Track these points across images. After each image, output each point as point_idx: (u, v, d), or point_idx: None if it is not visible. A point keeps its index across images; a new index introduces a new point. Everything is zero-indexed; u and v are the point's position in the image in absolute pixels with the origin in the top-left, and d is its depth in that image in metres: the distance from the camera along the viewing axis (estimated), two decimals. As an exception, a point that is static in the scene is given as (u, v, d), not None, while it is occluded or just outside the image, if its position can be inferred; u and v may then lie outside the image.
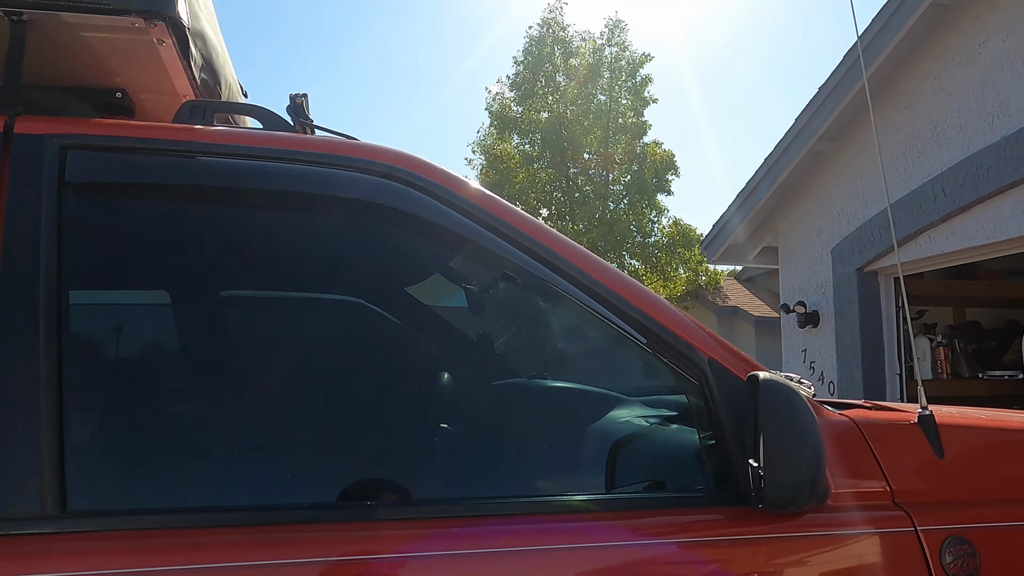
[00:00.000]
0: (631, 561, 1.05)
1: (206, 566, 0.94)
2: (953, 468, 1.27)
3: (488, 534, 1.02)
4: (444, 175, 1.28)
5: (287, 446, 1.11)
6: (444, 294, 1.36)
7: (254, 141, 1.25)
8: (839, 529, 1.16)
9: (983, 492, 1.27)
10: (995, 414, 1.69)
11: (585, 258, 1.26)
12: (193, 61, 1.51)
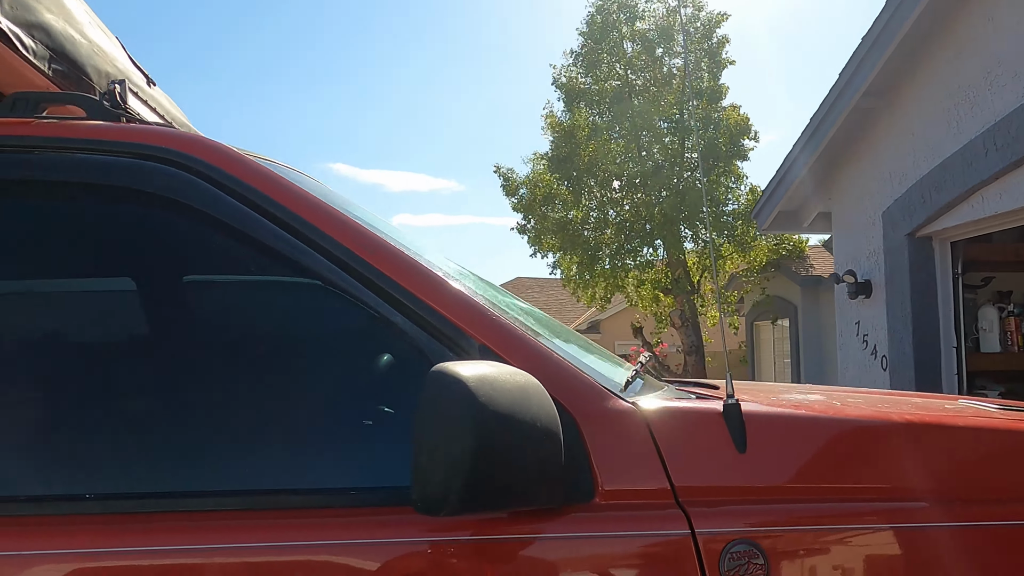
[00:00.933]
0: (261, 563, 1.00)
1: None
2: (756, 465, 1.13)
3: None
4: (228, 158, 1.24)
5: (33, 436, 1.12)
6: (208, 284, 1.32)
7: (17, 131, 1.25)
8: (601, 531, 1.06)
9: (791, 492, 1.13)
10: (848, 400, 1.51)
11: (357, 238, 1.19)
12: (30, 52, 1.53)
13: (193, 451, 1.11)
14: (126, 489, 1.07)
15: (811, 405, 1.43)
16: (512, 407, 0.93)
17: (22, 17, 1.50)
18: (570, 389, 1.13)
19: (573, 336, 1.67)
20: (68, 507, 1.03)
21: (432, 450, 0.88)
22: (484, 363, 0.99)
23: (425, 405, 0.89)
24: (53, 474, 1.08)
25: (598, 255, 13.77)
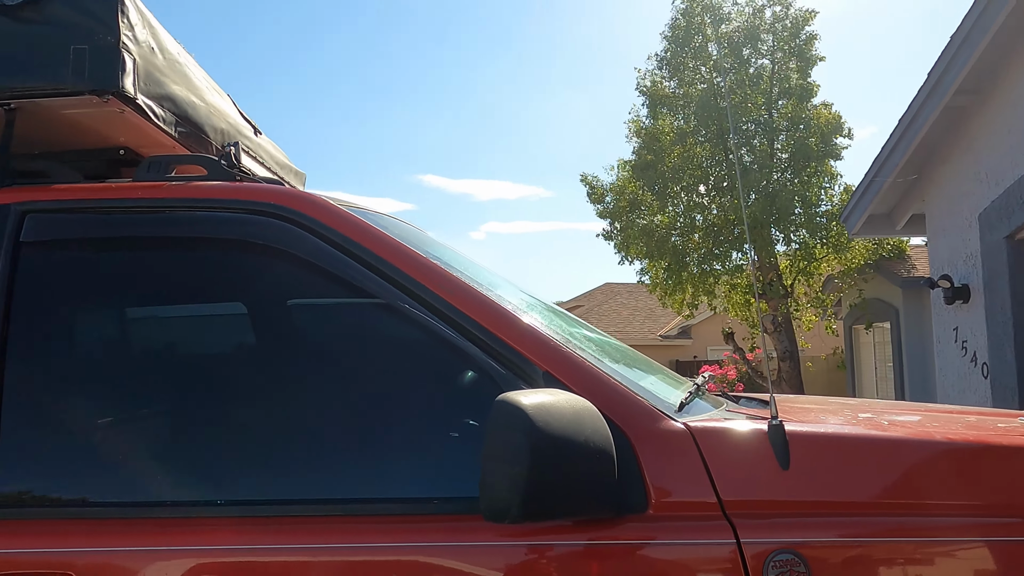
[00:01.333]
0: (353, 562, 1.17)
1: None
2: (799, 480, 1.22)
3: None
4: (327, 211, 1.44)
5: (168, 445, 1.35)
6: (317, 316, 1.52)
7: (155, 194, 1.49)
8: (652, 539, 1.18)
9: (832, 506, 1.22)
10: (891, 421, 1.56)
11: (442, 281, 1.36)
12: (161, 120, 1.79)
13: (306, 465, 1.30)
14: (258, 496, 1.28)
15: (855, 425, 1.50)
16: (566, 430, 1.08)
17: (154, 91, 1.76)
18: (625, 411, 1.26)
19: (636, 360, 1.79)
20: (204, 511, 1.25)
21: (496, 468, 1.03)
22: (543, 391, 1.13)
23: (491, 429, 1.05)
24: (196, 482, 1.30)
25: (685, 260, 13.64)
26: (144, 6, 1.78)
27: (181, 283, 1.47)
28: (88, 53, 1.62)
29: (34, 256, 1.45)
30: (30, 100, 1.63)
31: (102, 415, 1.37)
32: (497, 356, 1.30)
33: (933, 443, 1.29)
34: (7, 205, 1.49)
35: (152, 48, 1.77)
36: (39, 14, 1.63)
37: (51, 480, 1.31)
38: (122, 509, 1.26)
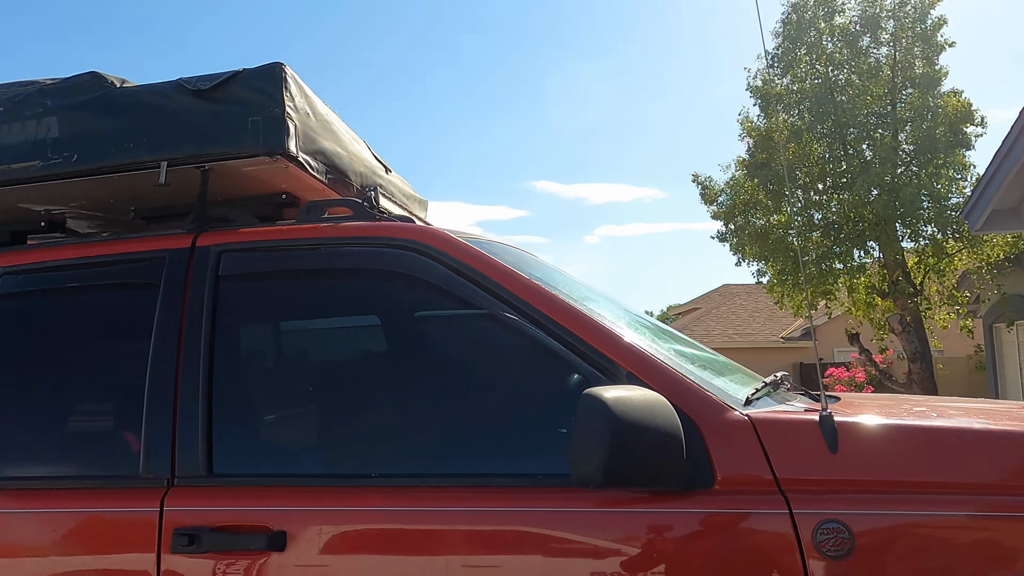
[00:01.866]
0: None
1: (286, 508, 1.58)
2: (845, 462, 1.44)
3: None
4: (447, 242, 1.79)
5: (338, 432, 1.73)
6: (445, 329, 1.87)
7: (315, 233, 1.88)
8: (717, 508, 1.44)
9: (872, 484, 1.43)
10: (929, 411, 1.72)
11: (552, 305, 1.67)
12: (316, 171, 2.21)
13: (439, 446, 1.65)
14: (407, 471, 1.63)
15: (904, 415, 1.68)
16: (639, 418, 1.36)
17: (309, 147, 2.18)
18: (695, 404, 1.52)
19: (717, 362, 2.04)
20: (363, 481, 1.61)
21: (583, 446, 1.32)
22: (623, 387, 1.42)
23: (578, 416, 1.35)
24: (356, 457, 1.68)
25: (803, 260, 13.30)
26: (300, 79, 2.20)
27: (336, 303, 1.87)
28: (262, 123, 2.05)
29: (229, 287, 1.88)
30: (220, 162, 2.08)
31: (283, 408, 1.78)
32: (588, 359, 1.60)
33: (968, 431, 1.47)
34: (207, 247, 1.93)
35: (307, 113, 2.19)
36: (225, 95, 2.08)
37: (249, 456, 1.72)
38: (303, 479, 1.65)
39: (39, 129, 2.15)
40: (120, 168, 2.10)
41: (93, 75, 2.21)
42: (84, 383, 1.90)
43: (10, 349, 1.96)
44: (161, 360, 1.78)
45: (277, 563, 1.53)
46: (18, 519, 1.71)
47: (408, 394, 1.75)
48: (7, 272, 2.03)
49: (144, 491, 1.66)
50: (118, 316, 1.93)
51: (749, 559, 1.41)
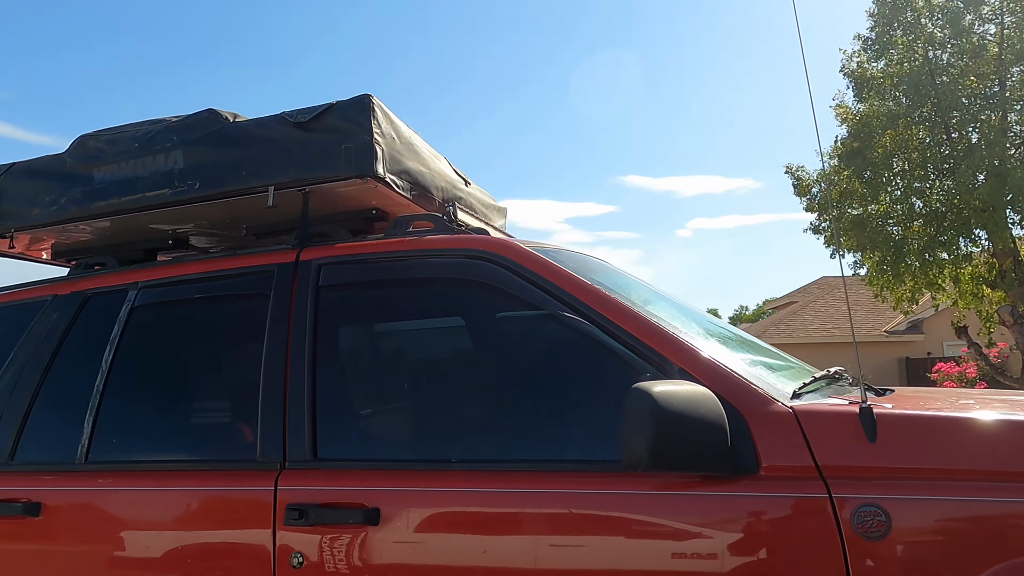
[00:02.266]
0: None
1: (375, 488, 1.82)
2: (882, 450, 1.55)
3: None
4: (517, 252, 1.99)
5: (425, 421, 1.96)
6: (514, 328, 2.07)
7: (401, 247, 2.12)
8: (761, 492, 1.57)
9: (909, 471, 1.52)
10: (967, 403, 1.79)
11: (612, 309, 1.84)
12: (401, 189, 2.45)
13: (512, 433, 1.85)
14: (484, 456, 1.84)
15: (942, 407, 1.75)
16: (684, 408, 1.51)
17: (395, 168, 2.42)
18: (742, 397, 1.66)
19: (773, 358, 2.15)
20: (445, 466, 1.83)
21: (631, 434, 1.49)
22: (670, 382, 1.57)
23: (627, 407, 1.51)
24: (438, 444, 1.90)
25: (903, 251, 12.76)
26: (386, 107, 2.45)
27: (420, 308, 2.10)
28: (353, 149, 2.30)
29: (328, 295, 2.14)
30: (318, 185, 2.36)
31: (376, 400, 2.02)
32: (644, 356, 1.76)
33: (998, 422, 1.55)
34: (309, 261, 2.20)
35: (393, 137, 2.44)
36: (321, 125, 2.35)
37: (348, 443, 1.98)
38: (394, 463, 1.89)
39: (167, 161, 2.48)
40: (234, 193, 2.41)
41: (210, 112, 2.53)
42: (210, 381, 2.21)
43: (147, 353, 2.29)
44: (272, 360, 2.06)
45: (372, 536, 1.77)
46: (158, 495, 2.03)
47: (484, 388, 1.96)
48: (145, 286, 2.38)
49: (261, 473, 1.94)
50: (236, 323, 2.23)
51: (791, 540, 1.54)
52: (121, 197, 2.51)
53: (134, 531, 2.01)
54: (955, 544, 1.47)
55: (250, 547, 1.88)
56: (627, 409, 1.51)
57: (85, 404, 2.22)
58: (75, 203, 2.57)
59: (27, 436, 2.26)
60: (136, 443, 2.17)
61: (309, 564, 1.81)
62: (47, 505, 2.10)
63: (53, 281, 2.63)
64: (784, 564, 1.54)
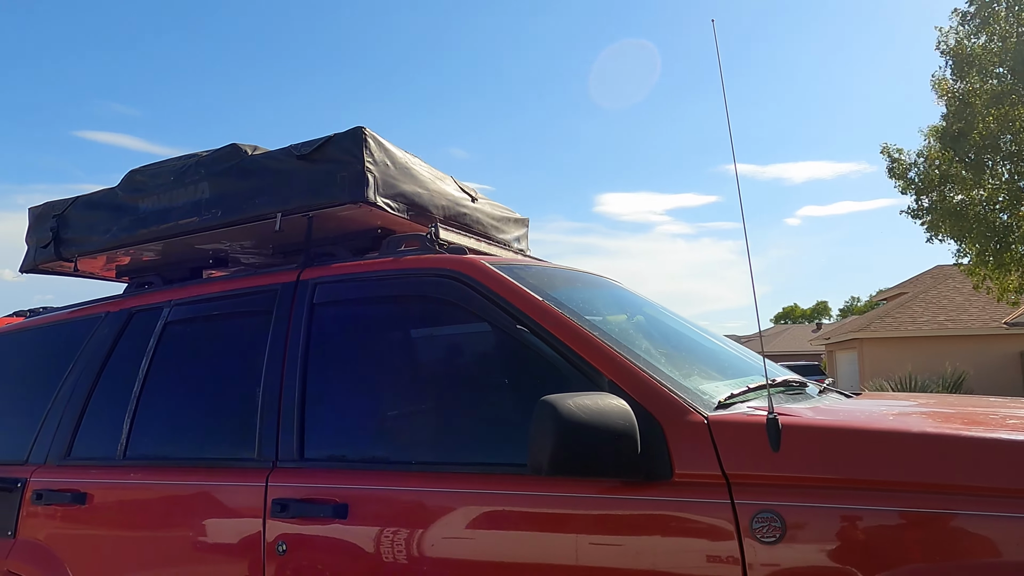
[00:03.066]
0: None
1: (364, 488, 2.04)
2: (784, 459, 1.62)
3: None
4: (477, 270, 2.17)
5: (415, 424, 2.17)
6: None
7: (382, 267, 2.34)
8: (670, 497, 1.69)
9: (808, 480, 1.60)
10: (887, 413, 1.81)
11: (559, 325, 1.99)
12: (396, 211, 2.67)
13: (457, 439, 2.04)
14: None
15: (861, 418, 1.79)
16: (587, 419, 1.64)
17: (389, 192, 2.64)
18: (661, 407, 1.78)
19: (724, 363, 2.23)
20: (405, 467, 2.03)
21: (535, 441, 1.64)
22: (580, 394, 1.71)
23: (535, 417, 1.66)
24: (401, 447, 2.11)
25: (1009, 239, 11.95)
26: (379, 136, 2.67)
27: (397, 323, 2.31)
28: (348, 177, 2.54)
29: (322, 311, 2.39)
30: (319, 211, 2.61)
31: (353, 407, 2.25)
32: (578, 368, 1.90)
33: (906, 434, 1.59)
34: (307, 280, 2.46)
35: (386, 164, 2.66)
36: (320, 156, 2.60)
37: (328, 445, 2.21)
38: (366, 464, 2.11)
39: (196, 192, 2.81)
40: (250, 219, 2.71)
41: (233, 147, 2.83)
42: (223, 388, 2.50)
43: (174, 363, 2.62)
44: (271, 371, 2.33)
45: (341, 528, 2.00)
46: (175, 488, 2.33)
47: (440, 398, 2.15)
48: (177, 303, 2.71)
49: (256, 471, 2.21)
50: (245, 336, 2.52)
51: (694, 543, 1.65)
52: (160, 225, 2.86)
53: (156, 516, 2.32)
54: (847, 550, 1.53)
55: (246, 534, 2.15)
56: (534, 419, 1.66)
57: (125, 407, 2.57)
58: (124, 231, 2.95)
59: (81, 435, 2.63)
60: (162, 442, 2.49)
61: (291, 551, 2.06)
62: (91, 495, 2.45)
63: (109, 299, 3.02)
64: (688, 564, 1.64)
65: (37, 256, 3.23)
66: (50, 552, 2.48)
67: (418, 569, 1.89)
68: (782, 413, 1.71)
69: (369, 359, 2.31)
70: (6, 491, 2.63)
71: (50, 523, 2.52)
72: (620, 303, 2.70)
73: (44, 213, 3.24)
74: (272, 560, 2.08)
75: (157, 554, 2.29)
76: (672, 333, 2.59)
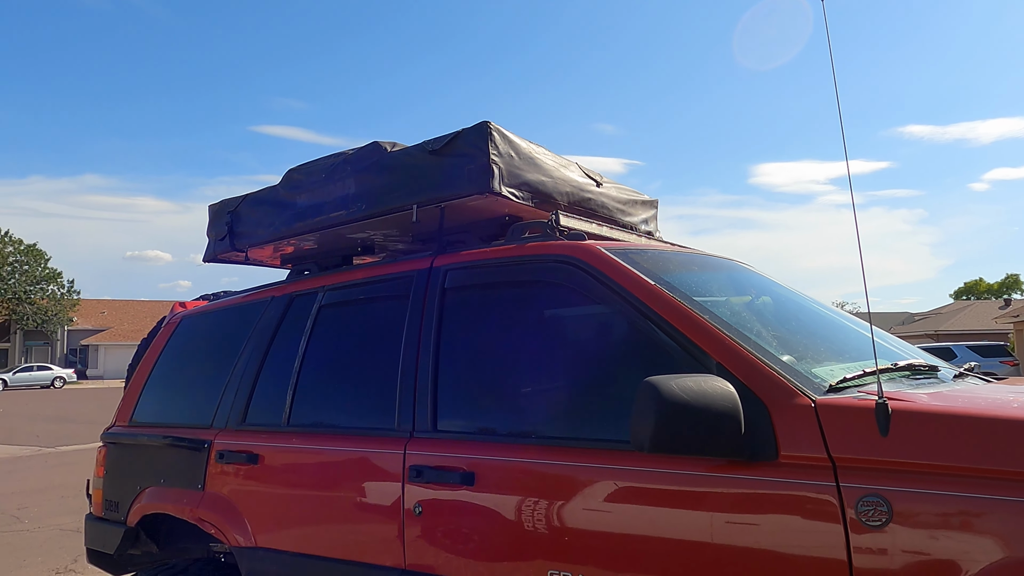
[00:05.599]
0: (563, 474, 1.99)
1: (483, 457, 2.24)
2: (892, 444, 1.61)
3: None
4: (592, 255, 2.27)
5: (535, 399, 2.33)
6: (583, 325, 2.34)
7: (505, 253, 2.49)
8: (775, 477, 1.72)
9: (917, 466, 1.57)
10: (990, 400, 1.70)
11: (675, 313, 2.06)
12: (521, 199, 2.82)
13: (575, 415, 2.16)
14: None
15: (970, 402, 1.70)
16: (691, 399, 1.71)
17: (513, 182, 2.79)
18: (768, 388, 1.81)
19: (843, 346, 2.20)
20: (526, 440, 2.19)
21: (637, 420, 1.73)
22: (684, 375, 1.77)
23: (638, 397, 1.75)
24: (523, 422, 2.26)
25: None
26: (504, 129, 2.82)
27: (518, 305, 2.46)
28: (475, 170, 2.72)
29: (452, 296, 2.60)
30: (450, 202, 2.81)
31: (480, 383, 2.43)
32: (687, 350, 1.97)
33: (1010, 421, 1.52)
34: (439, 267, 2.67)
35: (511, 155, 2.81)
36: (450, 151, 2.80)
37: (458, 418, 2.41)
38: (489, 436, 2.29)
39: (344, 188, 3.10)
40: (390, 211, 2.96)
41: (374, 145, 3.10)
42: (368, 364, 2.77)
43: (326, 341, 2.93)
44: (408, 350, 2.57)
45: (468, 494, 2.20)
46: (328, 453, 2.62)
47: (559, 377, 2.27)
48: (329, 288, 3.03)
49: (396, 439, 2.45)
50: (386, 318, 2.77)
51: (797, 523, 1.68)
52: (314, 218, 3.19)
53: (314, 476, 2.64)
54: (955, 539, 1.51)
55: (388, 496, 2.40)
56: (636, 399, 1.75)
57: (287, 380, 2.92)
58: (285, 224, 3.31)
59: (253, 404, 3.02)
60: (318, 411, 2.81)
61: (426, 513, 2.29)
62: (262, 456, 2.82)
63: (274, 285, 3.41)
64: (791, 544, 1.68)
65: (216, 248, 3.69)
66: (231, 504, 2.88)
67: (535, 533, 2.04)
68: (894, 398, 1.69)
69: (494, 340, 2.48)
70: (196, 451, 3.07)
71: (230, 479, 2.92)
72: (743, 285, 2.70)
73: (220, 210, 3.69)
74: (410, 520, 2.32)
75: (315, 508, 2.61)
76: (797, 316, 2.56)
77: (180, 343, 3.66)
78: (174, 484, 3.13)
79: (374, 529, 2.42)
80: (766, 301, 2.62)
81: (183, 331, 3.69)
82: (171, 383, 3.57)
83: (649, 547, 1.86)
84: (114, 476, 3.48)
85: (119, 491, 3.42)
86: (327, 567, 2.52)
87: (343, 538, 2.50)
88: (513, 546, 2.10)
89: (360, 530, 2.46)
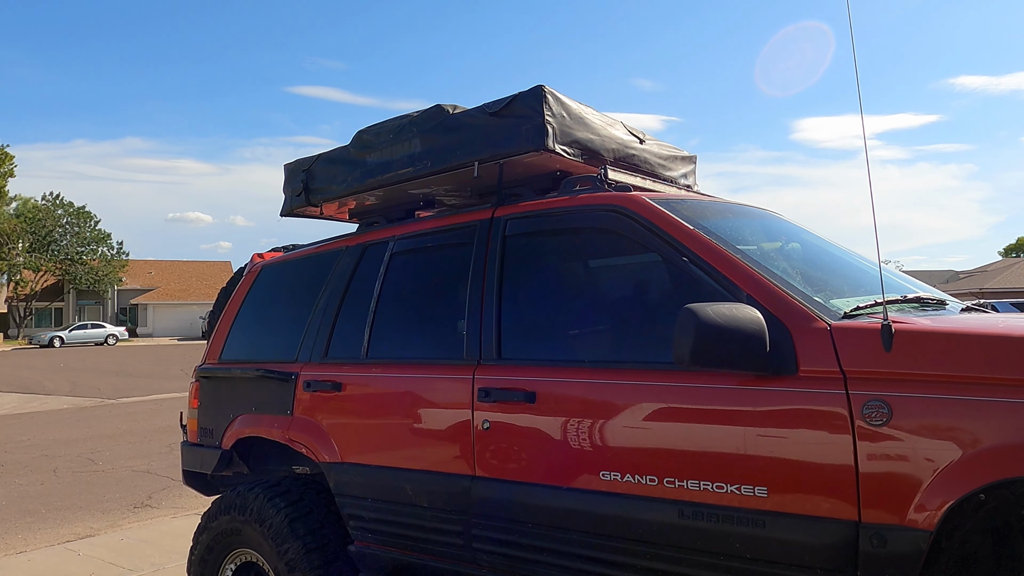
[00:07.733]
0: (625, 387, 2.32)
1: (548, 379, 2.60)
2: (895, 358, 1.92)
3: None
4: (637, 204, 2.59)
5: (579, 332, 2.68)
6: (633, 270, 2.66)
7: (559, 204, 2.82)
8: (795, 388, 2.05)
9: (915, 375, 1.89)
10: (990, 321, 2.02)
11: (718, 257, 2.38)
12: (572, 156, 3.13)
13: (623, 340, 2.50)
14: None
15: (963, 324, 2.00)
16: (724, 322, 2.03)
17: (565, 140, 3.10)
18: (790, 314, 2.13)
19: (859, 279, 2.51)
20: (579, 364, 2.54)
21: (679, 338, 2.06)
22: (718, 303, 2.09)
23: (679, 320, 2.08)
24: (576, 349, 2.62)
25: None
26: (556, 92, 3.12)
27: (572, 250, 2.79)
28: (531, 129, 3.03)
29: (512, 242, 2.94)
30: (508, 159, 3.13)
31: (538, 317, 2.78)
32: (722, 284, 2.29)
33: (999, 336, 1.82)
34: (500, 217, 3.01)
35: (563, 116, 3.11)
36: (508, 112, 3.11)
37: (520, 347, 2.77)
38: (547, 362, 2.64)
39: (410, 147, 3.44)
40: (453, 168, 3.29)
41: (438, 107, 3.42)
42: (437, 303, 3.15)
43: (399, 285, 3.30)
44: (474, 289, 2.92)
45: (529, 410, 2.57)
46: (404, 380, 3.01)
47: (610, 310, 2.61)
48: (399, 238, 3.39)
49: (465, 367, 2.83)
50: (453, 262, 3.13)
51: (816, 424, 2.01)
52: (383, 175, 3.54)
53: (392, 401, 3.04)
54: (943, 431, 1.83)
55: (459, 415, 2.79)
56: (678, 321, 2.08)
57: (364, 319, 3.31)
58: (356, 181, 3.67)
59: (334, 340, 3.42)
60: (393, 345, 3.20)
61: (492, 429, 2.67)
62: (345, 384, 3.23)
63: (346, 236, 3.79)
64: (808, 441, 2.01)
65: (292, 203, 4.08)
66: (317, 426, 3.30)
67: (588, 442, 2.41)
68: (898, 321, 2.00)
69: (550, 279, 2.83)
70: (285, 382, 3.49)
71: (316, 405, 3.34)
72: (775, 231, 3.00)
73: (296, 168, 4.06)
74: (479, 435, 2.70)
75: (394, 427, 3.01)
76: (821, 258, 2.86)
77: (262, 289, 4.08)
78: (265, 411, 3.56)
79: (447, 443, 2.81)
80: (795, 247, 2.92)
81: (264, 278, 4.11)
82: (256, 324, 4.00)
83: (686, 448, 2.21)
84: (208, 406, 3.94)
85: (213, 419, 3.88)
86: (407, 476, 2.92)
87: (419, 452, 2.90)
88: (568, 454, 2.46)
89: (434, 444, 2.86)
